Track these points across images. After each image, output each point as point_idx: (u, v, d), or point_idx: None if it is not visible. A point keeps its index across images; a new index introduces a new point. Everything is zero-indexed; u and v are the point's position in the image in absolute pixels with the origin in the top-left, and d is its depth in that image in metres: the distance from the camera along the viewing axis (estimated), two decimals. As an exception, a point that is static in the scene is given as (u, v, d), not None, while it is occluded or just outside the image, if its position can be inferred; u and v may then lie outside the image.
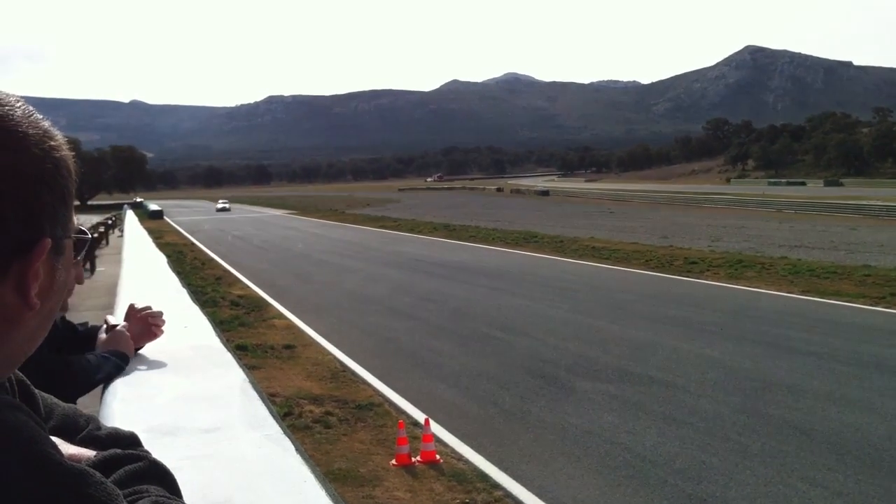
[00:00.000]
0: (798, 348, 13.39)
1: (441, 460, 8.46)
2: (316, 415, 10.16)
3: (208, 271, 27.98)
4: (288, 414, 9.87)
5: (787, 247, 31.55)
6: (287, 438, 1.97)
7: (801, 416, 9.67)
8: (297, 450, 1.90)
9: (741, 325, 15.72)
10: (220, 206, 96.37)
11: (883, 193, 74.94)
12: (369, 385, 11.78)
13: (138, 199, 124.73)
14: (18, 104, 0.85)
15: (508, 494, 7.58)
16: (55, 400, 1.14)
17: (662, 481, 7.75)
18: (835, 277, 21.96)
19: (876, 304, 17.70)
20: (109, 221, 46.01)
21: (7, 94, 0.86)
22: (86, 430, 1.11)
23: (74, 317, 2.68)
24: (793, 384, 11.10)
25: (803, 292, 19.71)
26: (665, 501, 7.33)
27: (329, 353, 14.02)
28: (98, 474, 0.79)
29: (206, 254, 36.23)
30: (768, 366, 12.23)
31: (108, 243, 35.62)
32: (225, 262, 31.67)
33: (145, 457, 1.03)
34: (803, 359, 12.64)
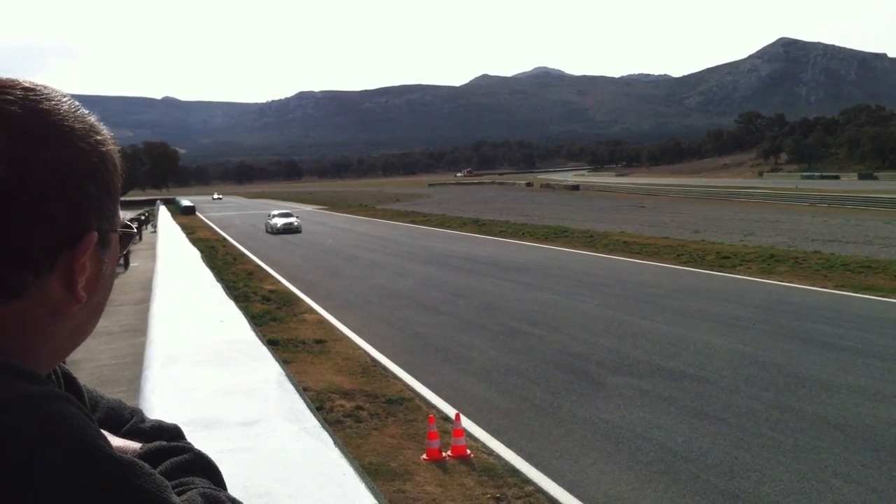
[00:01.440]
0: (831, 343, 13.26)
1: (472, 455, 8.47)
2: (347, 409, 10.23)
3: (240, 266, 28.20)
4: (319, 408, 9.91)
5: (820, 241, 31.22)
6: (325, 431, 2.00)
7: (835, 411, 9.58)
8: (335, 443, 1.93)
9: (774, 319, 15.57)
10: (280, 220, 47.55)
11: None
12: (399, 380, 11.82)
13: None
14: (65, 99, 0.87)
15: (539, 489, 7.57)
16: (100, 392, 1.16)
17: (694, 477, 7.72)
18: (869, 272, 21.70)
19: (911, 299, 17.47)
20: (142, 217, 46.50)
21: (53, 90, 0.87)
22: (130, 423, 1.12)
23: (108, 311, 2.72)
24: (826, 379, 11.00)
25: (837, 287, 19.49)
26: (697, 497, 7.30)
27: (359, 348, 14.09)
28: (147, 466, 0.80)
29: (237, 249, 36.52)
30: (801, 361, 12.12)
31: (140, 239, 36.02)
32: (256, 257, 31.92)
33: (190, 448, 1.03)
34: (837, 354, 12.51)
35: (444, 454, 8.44)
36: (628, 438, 8.84)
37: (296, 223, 47.40)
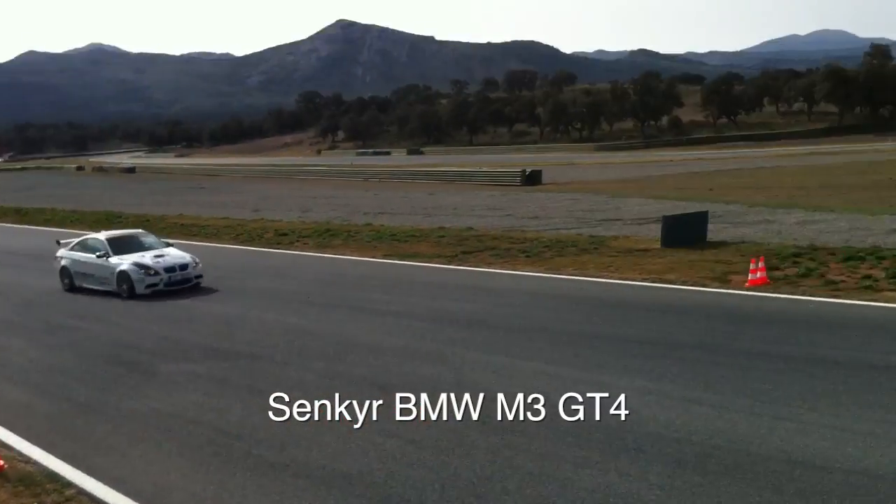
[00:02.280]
0: (378, 309, 14.16)
1: (5, 466, 7.69)
2: None
3: None
4: None
5: (371, 214, 33.13)
6: None
7: (380, 372, 10.20)
8: None
9: (327, 291, 16.27)
10: (145, 261, 16.99)
11: (457, 160, 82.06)
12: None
13: None
14: None
15: (82, 491, 7.16)
16: None
17: (246, 454, 7.75)
18: (413, 240, 23.52)
19: (449, 263, 19.26)
20: None
21: None
22: None
23: None
24: (373, 343, 11.70)
25: (385, 256, 20.86)
26: (248, 472, 7.33)
27: None
28: None
29: None
30: (351, 328, 12.79)
31: None
32: None
33: None
34: (383, 318, 13.40)
35: (-30, 472, 7.53)
36: (179, 425, 8.62)
37: (191, 265, 17.68)
